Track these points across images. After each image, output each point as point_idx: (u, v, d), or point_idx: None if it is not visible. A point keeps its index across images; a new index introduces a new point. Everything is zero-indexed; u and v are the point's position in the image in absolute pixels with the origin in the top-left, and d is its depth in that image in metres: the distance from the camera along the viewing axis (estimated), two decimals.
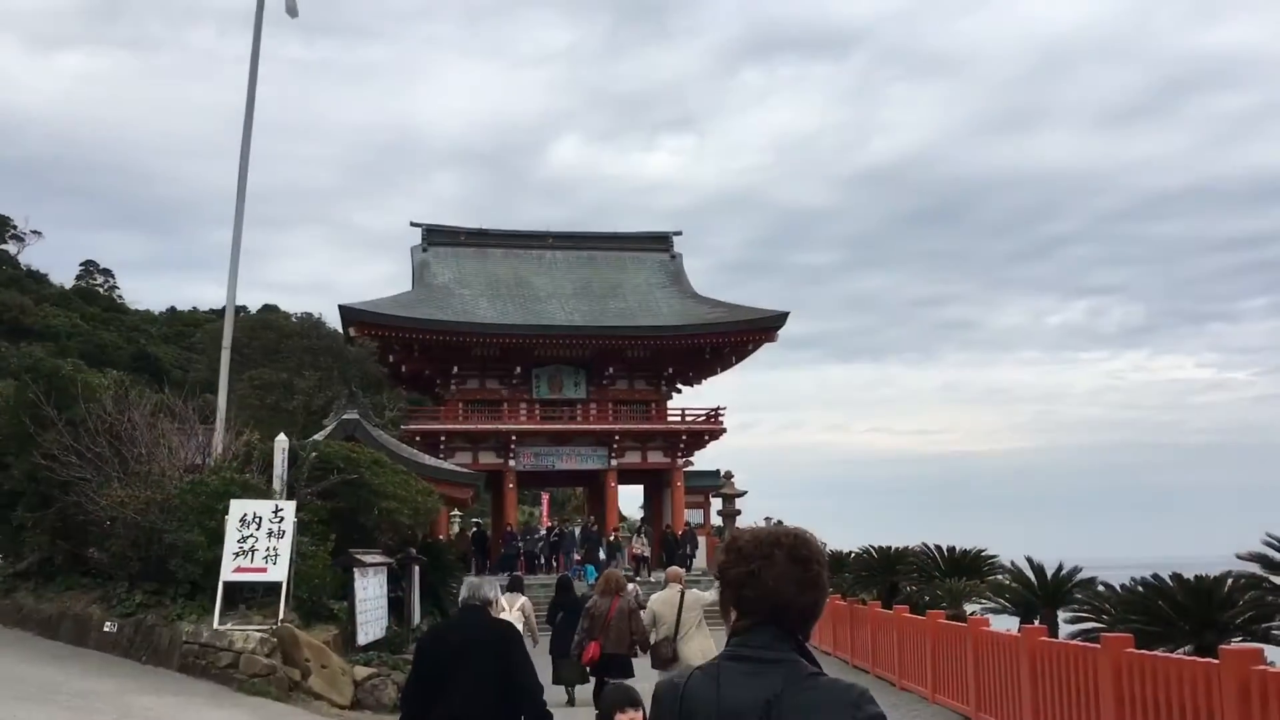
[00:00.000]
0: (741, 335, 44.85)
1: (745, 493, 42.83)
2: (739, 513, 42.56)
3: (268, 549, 15.13)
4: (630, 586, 27.52)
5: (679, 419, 46.43)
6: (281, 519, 15.30)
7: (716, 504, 45.63)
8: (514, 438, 43.92)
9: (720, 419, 46.11)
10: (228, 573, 14.95)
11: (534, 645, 17.48)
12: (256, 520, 15.23)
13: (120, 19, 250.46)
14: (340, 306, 40.66)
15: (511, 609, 18.15)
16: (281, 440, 20.12)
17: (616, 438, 44.85)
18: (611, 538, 42.03)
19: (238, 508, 15.25)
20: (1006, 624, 20.87)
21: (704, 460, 47.49)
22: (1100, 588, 15.24)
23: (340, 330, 39.58)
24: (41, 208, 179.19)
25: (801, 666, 2.40)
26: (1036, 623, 17.21)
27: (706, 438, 46.33)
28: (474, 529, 42.83)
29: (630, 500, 54.88)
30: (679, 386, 49.46)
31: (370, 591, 16.71)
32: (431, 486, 23.16)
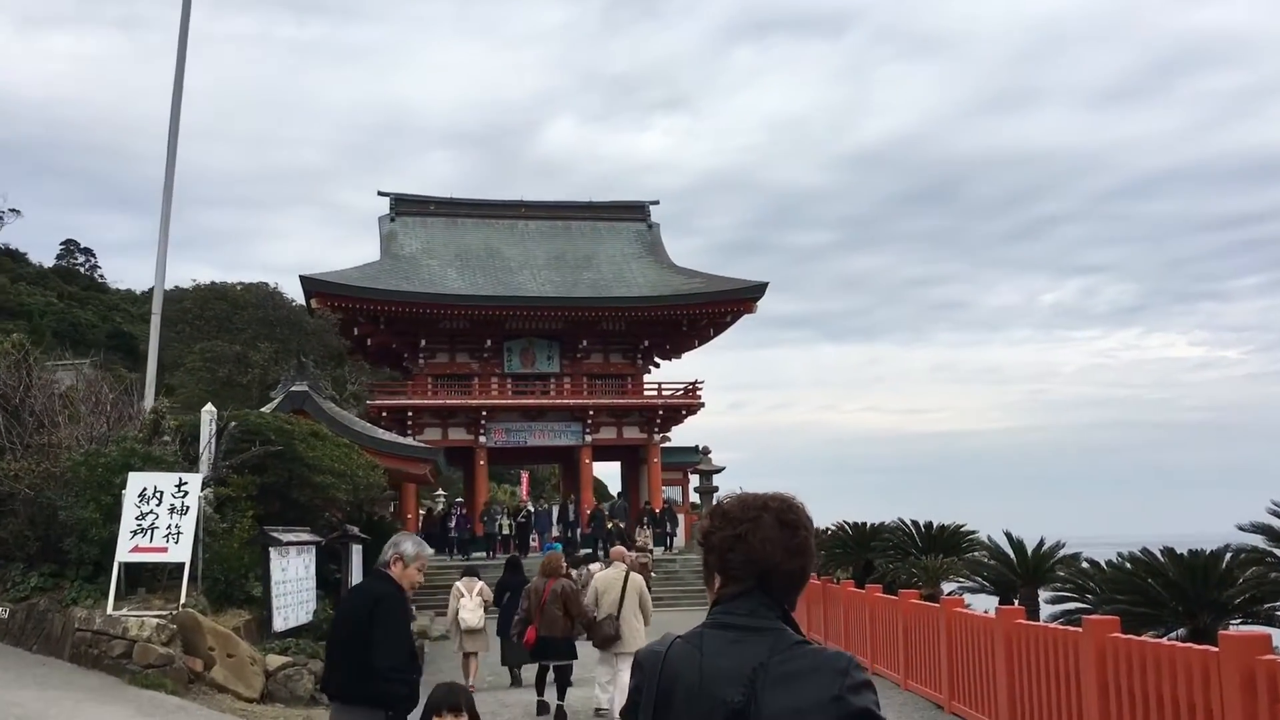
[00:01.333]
0: (718, 306, 43.35)
1: (723, 468, 41.55)
2: (716, 489, 41.19)
3: (169, 526, 13.73)
4: (595, 565, 26.52)
5: (656, 393, 45.03)
6: (185, 494, 13.90)
7: (696, 480, 44.34)
8: (484, 413, 42.48)
9: (698, 393, 44.69)
10: (124, 553, 13.57)
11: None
12: (157, 495, 13.83)
13: None
14: (301, 277, 39.09)
15: (471, 594, 17.66)
16: (208, 410, 18.84)
17: (591, 413, 43.43)
18: (611, 525, 39.84)
19: (137, 481, 13.85)
20: (986, 604, 19.61)
21: (690, 437, 46.31)
22: (1084, 564, 13.88)
23: (300, 301, 38.01)
24: (30, 188, 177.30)
25: (787, 634, 2.36)
26: (1016, 603, 15.92)
27: (684, 412, 44.94)
28: (441, 509, 41.49)
29: (612, 477, 53.62)
30: (656, 360, 48.04)
31: (291, 573, 15.33)
32: (376, 461, 21.77)
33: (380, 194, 45.91)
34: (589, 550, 33.16)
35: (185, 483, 13.99)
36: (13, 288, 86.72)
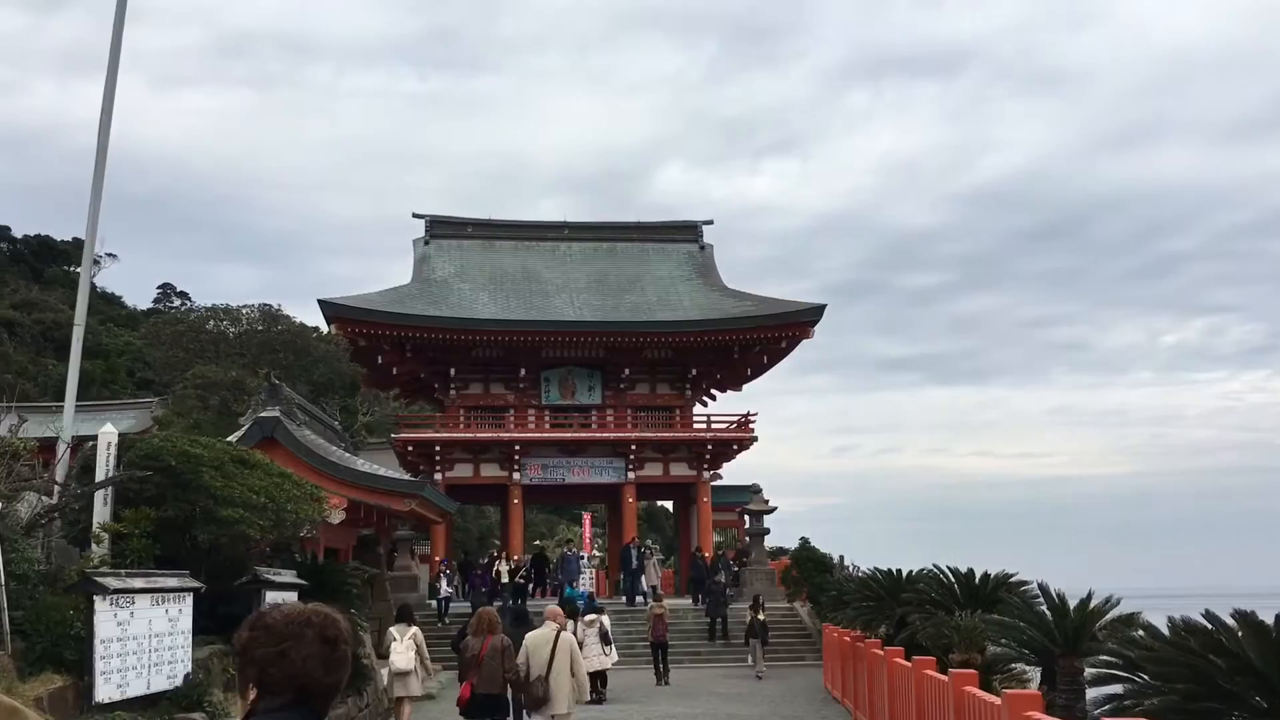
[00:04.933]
0: (771, 331, 39.74)
1: (775, 508, 37.75)
2: (767, 531, 37.53)
3: None
4: (605, 618, 23.52)
5: (704, 426, 41.59)
6: None
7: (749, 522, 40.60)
8: (518, 448, 39.47)
9: (751, 426, 41.13)
10: None
11: (428, 676, 18.15)
12: None
13: (241, 58, 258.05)
14: (320, 301, 36.79)
15: (402, 639, 17.31)
16: (107, 432, 16.27)
17: (634, 447, 40.13)
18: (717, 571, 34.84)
19: None
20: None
21: (782, 480, 43.18)
22: (1139, 631, 10.21)
23: (303, 324, 35.54)
24: (153, 238, 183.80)
25: None
26: (1056, 677, 12.28)
27: (735, 447, 41.38)
28: (463, 556, 38.32)
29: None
30: (712, 393, 44.68)
31: (138, 628, 12.37)
32: (320, 492, 18.84)
33: (415, 215, 43.47)
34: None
35: None
36: (101, 329, 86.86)
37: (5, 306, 75.69)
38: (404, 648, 17.00)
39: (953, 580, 17.91)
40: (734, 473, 43.68)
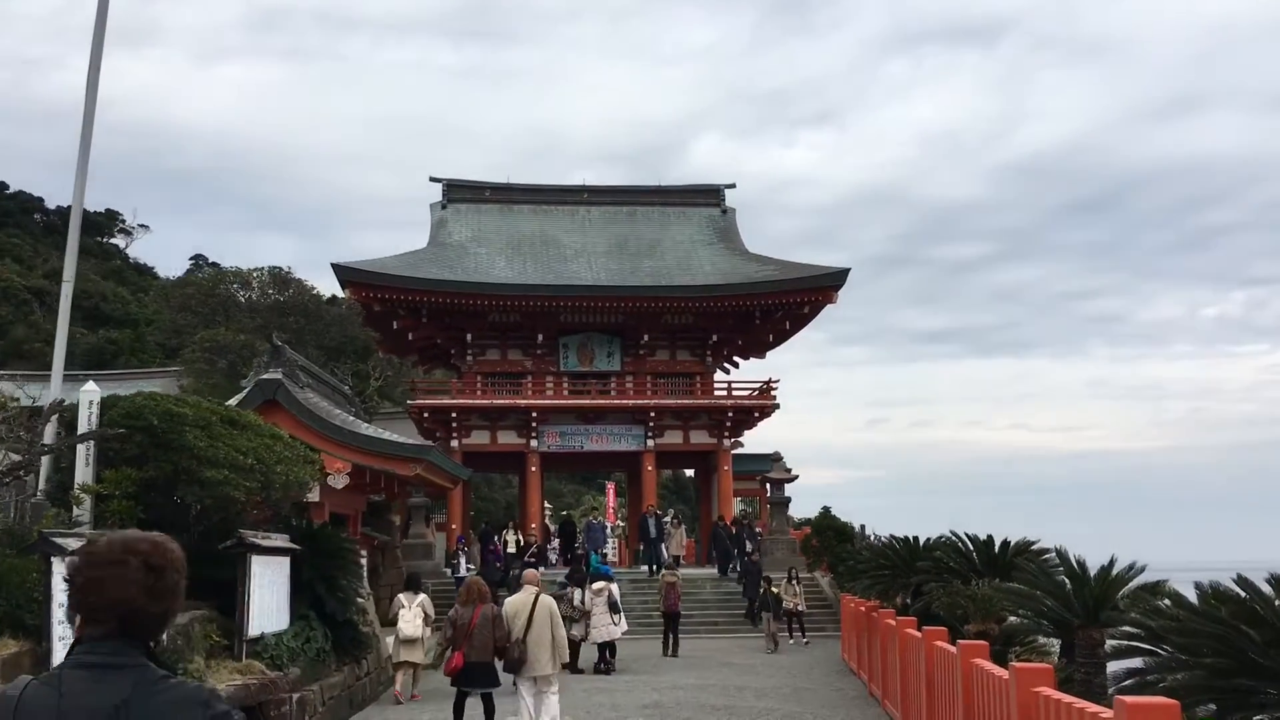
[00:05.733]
0: (792, 296, 38.75)
1: (797, 476, 36.97)
2: (788, 499, 36.72)
3: None
4: (614, 586, 22.80)
5: (725, 393, 40.76)
6: None
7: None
8: (535, 415, 38.81)
9: (773, 393, 40.28)
10: None
11: (431, 635, 18.15)
12: None
13: (278, 31, 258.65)
14: (334, 265, 36.13)
15: (411, 606, 17.73)
16: (89, 390, 15.77)
17: (653, 414, 39.38)
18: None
19: None
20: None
21: (815, 453, 41.91)
22: (1165, 602, 9.37)
23: (313, 287, 34.98)
24: (191, 211, 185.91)
25: (151, 671, 2.40)
26: (1075, 649, 11.45)
27: (756, 415, 40.53)
28: (484, 527, 37.57)
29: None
30: (734, 360, 43.82)
31: None
32: (314, 454, 18.22)
33: (432, 179, 42.78)
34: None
35: None
36: (133, 299, 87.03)
37: (37, 276, 75.89)
38: (412, 615, 17.37)
39: (970, 548, 17.10)
40: (763, 443, 42.98)
